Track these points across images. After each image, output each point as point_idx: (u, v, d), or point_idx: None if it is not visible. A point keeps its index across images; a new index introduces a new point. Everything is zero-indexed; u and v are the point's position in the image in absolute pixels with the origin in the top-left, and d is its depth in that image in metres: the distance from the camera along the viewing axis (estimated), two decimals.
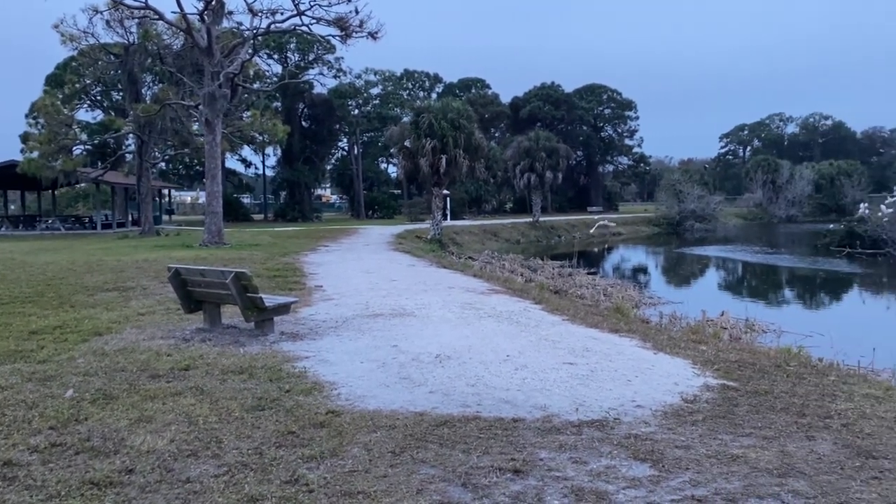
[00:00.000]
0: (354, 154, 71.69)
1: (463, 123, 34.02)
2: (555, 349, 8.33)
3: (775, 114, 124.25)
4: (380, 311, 11.20)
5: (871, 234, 35.24)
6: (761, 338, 13.81)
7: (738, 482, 4.29)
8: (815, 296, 25.21)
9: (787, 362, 7.99)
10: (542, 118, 79.51)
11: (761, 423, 5.55)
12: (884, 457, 4.75)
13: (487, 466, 4.55)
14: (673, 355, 8.12)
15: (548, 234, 53.24)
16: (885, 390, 6.81)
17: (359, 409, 5.87)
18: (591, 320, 10.78)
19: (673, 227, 64.03)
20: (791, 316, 18.69)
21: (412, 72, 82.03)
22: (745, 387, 6.68)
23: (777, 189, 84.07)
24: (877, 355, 10.42)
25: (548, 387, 6.60)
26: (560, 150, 55.29)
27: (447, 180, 36.38)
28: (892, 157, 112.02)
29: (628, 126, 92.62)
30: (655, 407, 5.97)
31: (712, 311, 16.36)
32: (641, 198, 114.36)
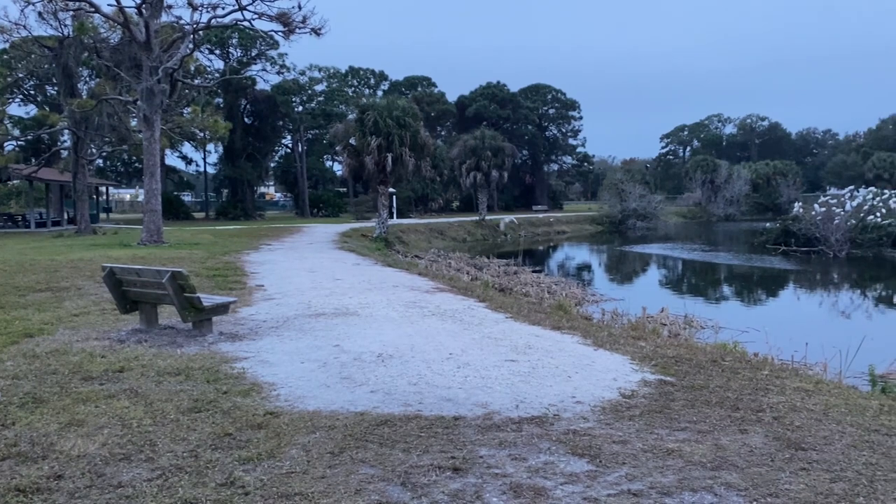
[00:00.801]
0: (299, 151, 70.91)
1: (409, 121, 33.94)
2: (497, 347, 8.38)
3: (714, 115, 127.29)
4: (322, 310, 11.09)
5: (804, 232, 36.41)
6: (700, 334, 14.13)
7: (673, 476, 4.37)
8: (751, 292, 25.91)
9: (723, 357, 8.18)
10: (488, 117, 79.91)
11: (696, 417, 5.66)
12: (812, 448, 4.90)
13: (427, 465, 4.54)
14: (613, 351, 8.23)
15: (494, 232, 53.55)
16: (815, 384, 7.02)
17: (298, 409, 5.80)
18: (534, 318, 10.86)
19: (616, 225, 65.08)
20: (729, 312, 19.16)
21: (357, 69, 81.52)
22: (682, 382, 6.82)
23: (716, 188, 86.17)
24: (809, 350, 10.74)
25: (489, 384, 6.63)
26: (506, 148, 55.66)
27: (393, 178, 36.25)
28: (825, 158, 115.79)
29: (572, 126, 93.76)
30: (594, 402, 6.05)
31: (653, 308, 16.66)
32: (585, 197, 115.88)
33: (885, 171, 78.85)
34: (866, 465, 4.57)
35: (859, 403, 6.20)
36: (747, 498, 4.04)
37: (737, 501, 4.00)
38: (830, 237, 34.54)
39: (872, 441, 5.07)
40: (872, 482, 4.26)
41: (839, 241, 34.24)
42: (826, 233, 34.96)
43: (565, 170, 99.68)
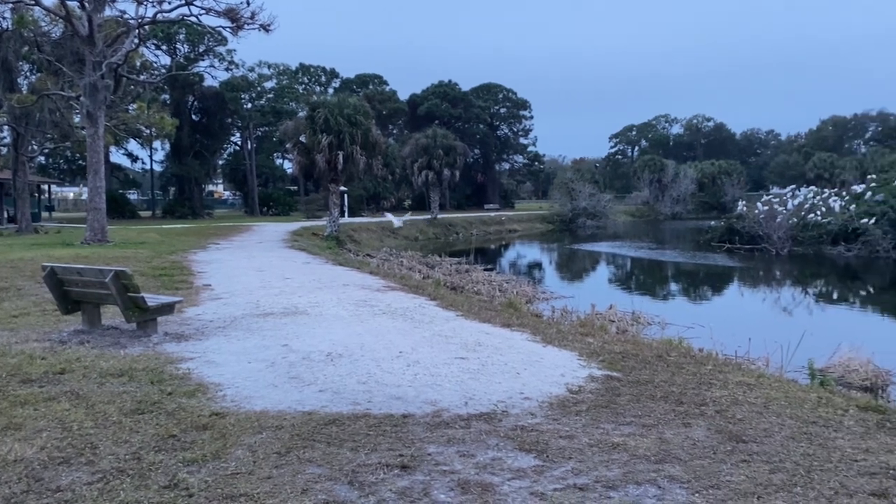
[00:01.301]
0: (248, 149, 69.96)
1: (360, 119, 33.77)
2: (448, 344, 8.39)
3: (661, 115, 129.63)
4: (271, 309, 10.97)
5: (748, 230, 37.30)
6: (647, 330, 14.37)
7: (618, 469, 4.44)
8: (697, 289, 26.44)
9: (669, 353, 8.33)
10: (440, 116, 80.00)
11: (642, 411, 5.76)
12: (752, 441, 5.02)
13: (375, 463, 4.53)
14: (561, 348, 8.32)
15: (446, 231, 53.64)
16: (756, 378, 7.20)
17: (245, 410, 5.72)
18: (485, 315, 10.91)
19: (566, 224, 65.80)
20: (675, 309, 19.53)
21: (308, 66, 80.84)
22: (628, 377, 6.92)
23: (663, 187, 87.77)
24: (752, 345, 11.02)
25: (439, 382, 6.64)
26: (457, 147, 55.78)
27: (344, 177, 36.02)
28: (768, 158, 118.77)
29: (523, 125, 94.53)
30: (542, 398, 6.10)
31: (601, 305, 16.90)
32: (536, 195, 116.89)
33: (825, 171, 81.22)
34: (804, 455, 4.70)
35: (798, 396, 6.37)
36: (690, 490, 4.12)
37: (679, 493, 4.08)
38: (773, 235, 35.45)
39: (810, 433, 5.22)
40: (809, 472, 4.38)
41: (781, 239, 35.17)
42: (769, 231, 35.87)
43: (517, 169, 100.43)
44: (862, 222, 33.54)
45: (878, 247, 32.33)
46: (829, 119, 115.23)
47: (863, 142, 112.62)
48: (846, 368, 10.81)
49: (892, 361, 11.10)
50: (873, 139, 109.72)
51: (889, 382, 10.52)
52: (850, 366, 10.86)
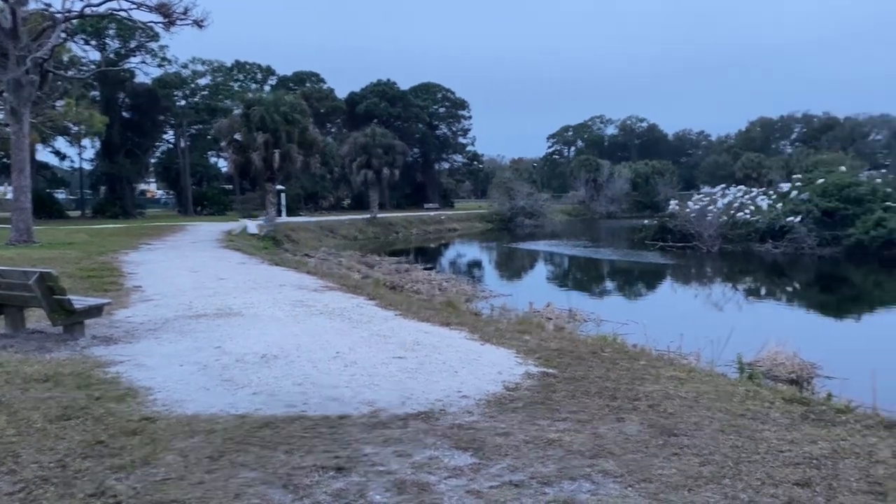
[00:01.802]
0: (181, 147, 68.38)
1: (297, 118, 33.41)
2: (386, 344, 8.35)
3: (597, 116, 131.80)
4: (204, 311, 10.73)
5: (680, 228, 38.26)
6: (583, 327, 14.59)
7: (553, 465, 4.48)
8: (632, 286, 27.00)
9: (603, 349, 8.46)
10: (379, 115, 79.63)
11: (577, 407, 5.83)
12: (683, 434, 5.13)
13: (310, 466, 4.47)
14: (499, 346, 8.37)
15: (386, 230, 53.46)
16: (687, 372, 7.37)
17: (176, 414, 5.58)
18: (424, 314, 10.90)
19: (505, 223, 66.37)
20: (610, 306, 19.90)
21: (243, 63, 79.38)
22: (564, 373, 7.00)
23: (598, 187, 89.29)
24: (684, 340, 11.27)
25: (377, 382, 6.60)
26: (397, 146, 55.66)
27: (281, 175, 35.59)
28: (699, 158, 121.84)
29: (462, 125, 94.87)
30: (480, 396, 6.12)
31: (539, 303, 17.09)
32: (476, 195, 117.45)
33: (753, 171, 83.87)
34: (733, 448, 4.83)
35: (727, 390, 6.55)
36: (623, 484, 4.19)
37: (613, 488, 4.13)
38: (704, 233, 36.44)
39: (739, 425, 5.36)
40: (738, 464, 4.50)
41: (712, 237, 36.17)
42: (700, 229, 36.86)
43: (456, 168, 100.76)
44: (788, 220, 34.76)
45: (803, 244, 33.56)
46: (756, 120, 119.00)
47: (789, 142, 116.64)
48: (773, 362, 11.18)
49: (816, 355, 11.53)
50: (798, 140, 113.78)
51: (813, 375, 10.92)
52: (777, 359, 11.24)
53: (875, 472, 4.35)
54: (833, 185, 36.08)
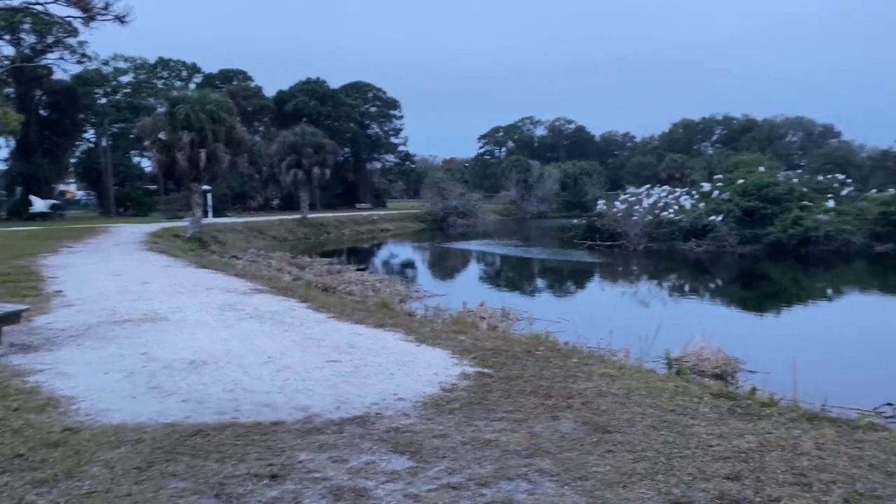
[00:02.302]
0: (103, 146, 66.04)
1: (223, 116, 32.67)
2: (319, 347, 8.23)
3: (526, 117, 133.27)
4: (129, 316, 10.37)
5: (608, 228, 39.04)
6: (516, 325, 14.72)
7: (491, 466, 4.48)
8: (562, 285, 27.41)
9: (537, 347, 8.53)
10: (309, 113, 78.65)
11: (512, 406, 5.85)
12: (616, 431, 5.21)
13: (243, 474, 4.35)
14: (434, 346, 8.35)
15: (317, 230, 52.83)
16: (618, 369, 7.50)
17: (101, 424, 5.36)
18: (358, 316, 10.79)
19: (437, 223, 66.49)
20: (542, 304, 20.15)
21: (167, 60, 77.28)
22: (499, 373, 7.03)
23: (529, 187, 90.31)
24: (613, 337, 11.48)
25: (310, 386, 6.49)
26: (327, 146, 55.06)
27: (207, 175, 34.75)
28: (624, 159, 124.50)
29: (394, 124, 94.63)
30: (416, 398, 6.09)
31: (472, 302, 17.16)
32: (408, 195, 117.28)
33: (676, 171, 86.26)
34: (664, 443, 4.92)
35: (657, 386, 6.69)
36: (559, 482, 4.22)
37: (550, 487, 4.16)
38: (630, 232, 37.28)
39: (669, 421, 5.48)
40: (670, 459, 4.59)
41: (638, 236, 37.04)
42: (626, 228, 37.70)
43: (388, 168, 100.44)
44: (710, 219, 35.87)
45: (725, 242, 34.70)
46: (679, 122, 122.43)
47: (710, 144, 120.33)
48: (699, 357, 11.50)
49: (739, 349, 11.91)
50: (719, 141, 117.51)
51: (737, 369, 11.28)
52: (703, 355, 11.57)
53: (800, 464, 4.50)
54: (752, 185, 37.41)
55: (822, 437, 5.09)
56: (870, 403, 8.86)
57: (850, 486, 4.12)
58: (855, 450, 4.82)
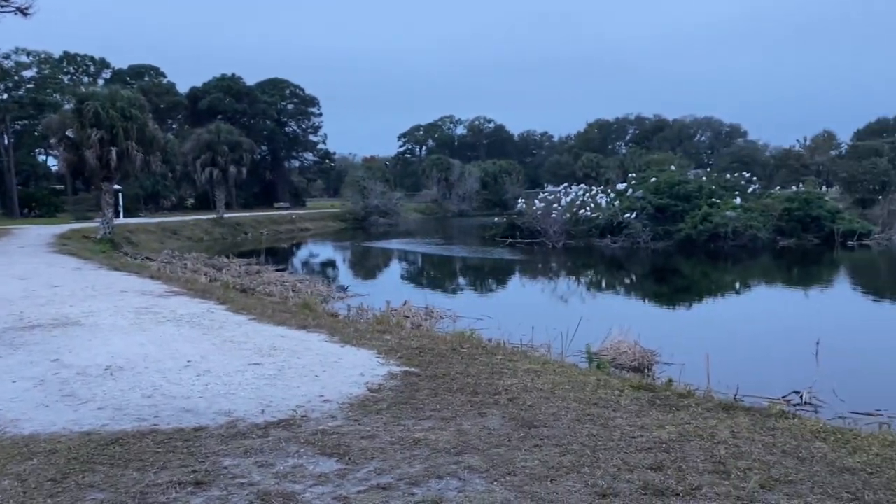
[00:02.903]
0: (5, 144, 62.82)
1: (135, 113, 31.56)
2: (240, 350, 8.07)
3: (446, 116, 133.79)
4: (38, 321, 9.92)
5: (528, 225, 39.61)
6: (440, 324, 14.77)
7: (420, 465, 4.48)
8: (484, 282, 27.66)
9: (462, 345, 8.59)
10: (224, 111, 76.82)
11: (440, 404, 5.88)
12: (543, 425, 5.30)
13: (165, 482, 4.23)
14: (359, 347, 8.30)
15: (234, 230, 51.68)
16: (542, 364, 7.63)
17: (10, 435, 5.12)
18: (279, 318, 10.63)
19: (359, 221, 66.03)
20: (465, 302, 20.28)
21: (74, 55, 74.15)
22: (426, 371, 7.04)
23: (450, 186, 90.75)
24: (535, 333, 11.67)
25: (233, 391, 6.36)
26: (244, 143, 53.95)
27: (119, 174, 33.53)
28: (542, 158, 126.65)
29: (312, 122, 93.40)
30: (342, 400, 6.04)
31: (396, 301, 17.12)
32: (328, 193, 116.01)
33: (592, 170, 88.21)
34: (589, 436, 5.04)
35: (580, 380, 6.83)
36: (488, 479, 4.26)
37: (479, 483, 4.20)
38: (549, 230, 37.94)
39: (593, 414, 5.61)
40: (595, 452, 4.70)
41: (557, 233, 37.73)
42: (546, 226, 38.34)
43: (307, 166, 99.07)
44: (625, 217, 36.85)
45: (639, 238, 35.72)
46: (594, 122, 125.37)
47: (624, 143, 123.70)
48: (617, 351, 11.79)
49: (654, 342, 12.28)
50: (632, 140, 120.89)
51: (654, 362, 11.63)
52: (621, 348, 11.87)
53: (718, 453, 4.68)
54: (664, 184, 38.64)
55: (737, 425, 5.31)
56: (778, 391, 9.30)
57: (765, 473, 4.31)
58: (769, 437, 5.04)
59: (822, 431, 5.26)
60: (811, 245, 35.15)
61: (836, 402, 9.17)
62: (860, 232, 35.76)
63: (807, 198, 37.95)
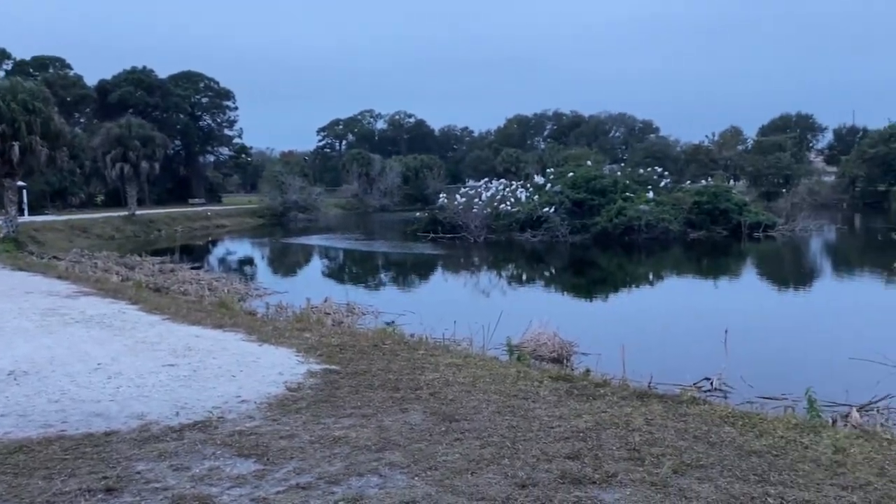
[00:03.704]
0: None
1: (38, 106, 30.19)
2: (154, 352, 7.83)
3: (366, 110, 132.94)
4: None
5: (449, 220, 39.80)
6: (362, 320, 14.70)
7: (340, 463, 4.45)
8: (406, 277, 27.65)
9: (384, 341, 8.58)
10: (135, 104, 74.28)
11: (361, 401, 5.85)
12: (464, 419, 5.33)
13: (74, 490, 4.06)
14: (278, 345, 8.18)
15: (146, 228, 50.04)
16: (464, 358, 7.69)
17: None
18: (195, 317, 10.37)
19: (277, 217, 64.97)
20: (387, 297, 20.25)
21: None
22: (347, 369, 6.99)
23: (371, 181, 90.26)
24: (457, 327, 11.73)
25: (146, 393, 6.16)
26: (156, 138, 52.30)
27: (22, 170, 32.01)
28: (463, 153, 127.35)
29: (228, 116, 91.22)
30: (261, 400, 5.94)
31: (316, 298, 16.91)
32: (245, 189, 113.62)
33: (511, 165, 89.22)
34: (509, 427, 5.10)
35: (501, 372, 6.92)
36: (409, 474, 4.26)
37: (400, 479, 4.19)
38: (471, 224, 38.22)
39: (513, 405, 5.68)
40: (515, 443, 4.76)
41: (478, 228, 38.05)
42: (467, 221, 38.61)
43: (223, 161, 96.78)
44: (544, 211, 37.47)
45: (557, 232, 36.39)
46: (513, 118, 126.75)
47: (542, 138, 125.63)
48: (537, 343, 11.98)
49: (573, 333, 12.52)
50: (550, 136, 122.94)
51: (572, 353, 11.86)
52: (540, 340, 12.07)
53: (633, 440, 4.81)
54: (581, 178, 39.47)
55: (651, 413, 5.47)
56: (690, 379, 9.63)
57: (677, 458, 4.46)
58: (681, 423, 5.22)
59: (731, 416, 5.48)
60: (720, 237, 36.55)
61: (745, 387, 9.55)
62: (765, 224, 37.42)
63: (715, 191, 39.46)
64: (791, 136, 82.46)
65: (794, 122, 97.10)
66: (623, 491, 3.98)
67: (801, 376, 9.57)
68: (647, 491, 3.96)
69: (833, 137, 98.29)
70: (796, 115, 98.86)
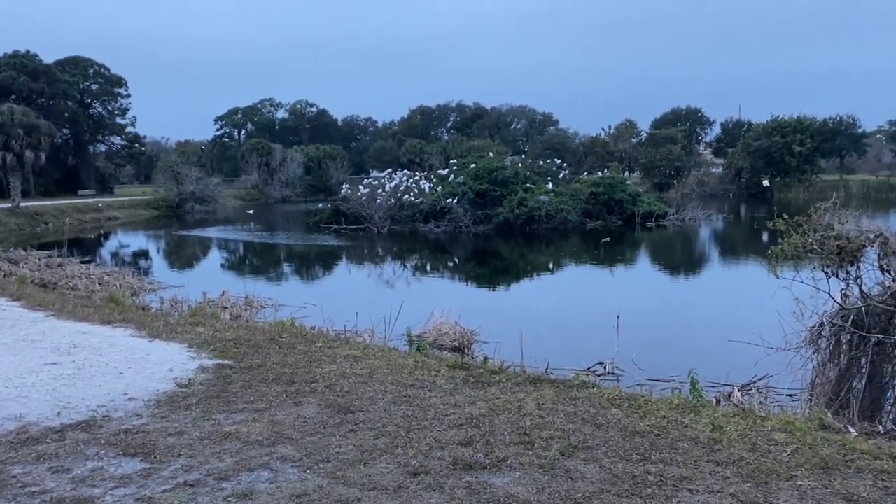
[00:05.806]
0: None
1: None
2: (35, 350, 7.46)
3: (266, 99, 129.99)
4: None
5: (352, 211, 39.51)
6: (260, 313, 14.42)
7: (231, 459, 4.37)
8: (309, 269, 27.30)
9: (281, 335, 8.46)
10: (18, 90, 70.14)
11: (254, 396, 5.75)
12: (359, 410, 5.34)
13: None
14: (169, 341, 7.94)
15: (32, 220, 47.40)
16: (362, 350, 7.67)
17: None
18: (82, 313, 9.94)
19: (173, 209, 62.79)
20: (288, 290, 19.92)
21: None
22: (240, 363, 6.86)
23: (272, 171, 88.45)
24: (359, 318, 11.68)
25: (25, 393, 5.87)
26: (42, 126, 49.60)
27: None
28: (367, 144, 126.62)
29: (119, 104, 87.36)
30: (149, 397, 5.76)
31: (214, 292, 16.47)
32: (139, 180, 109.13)
33: (415, 156, 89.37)
34: (404, 417, 5.14)
35: (399, 363, 6.95)
36: (301, 467, 4.23)
37: (292, 473, 4.16)
38: (374, 215, 38.08)
39: (409, 395, 5.72)
40: (409, 433, 4.80)
41: (382, 219, 37.95)
42: (370, 211, 38.44)
43: (115, 151, 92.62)
44: (447, 202, 37.72)
45: (460, 223, 36.72)
46: (417, 108, 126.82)
47: (445, 130, 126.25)
48: (438, 332, 12.08)
49: (474, 322, 12.69)
50: (454, 127, 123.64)
51: (473, 341, 12.03)
52: (442, 329, 12.18)
53: (524, 424, 4.94)
54: (483, 169, 39.95)
55: (542, 398, 5.62)
56: (585, 364, 9.94)
57: (565, 440, 4.60)
58: (570, 407, 5.39)
59: (618, 398, 5.69)
60: (615, 226, 37.75)
61: (636, 370, 9.92)
62: (657, 213, 38.92)
63: (611, 182, 40.74)
64: (682, 129, 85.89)
65: (685, 115, 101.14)
66: (512, 475, 4.08)
67: (688, 359, 10.00)
68: (536, 473, 4.07)
69: (720, 130, 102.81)
70: (686, 108, 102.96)
